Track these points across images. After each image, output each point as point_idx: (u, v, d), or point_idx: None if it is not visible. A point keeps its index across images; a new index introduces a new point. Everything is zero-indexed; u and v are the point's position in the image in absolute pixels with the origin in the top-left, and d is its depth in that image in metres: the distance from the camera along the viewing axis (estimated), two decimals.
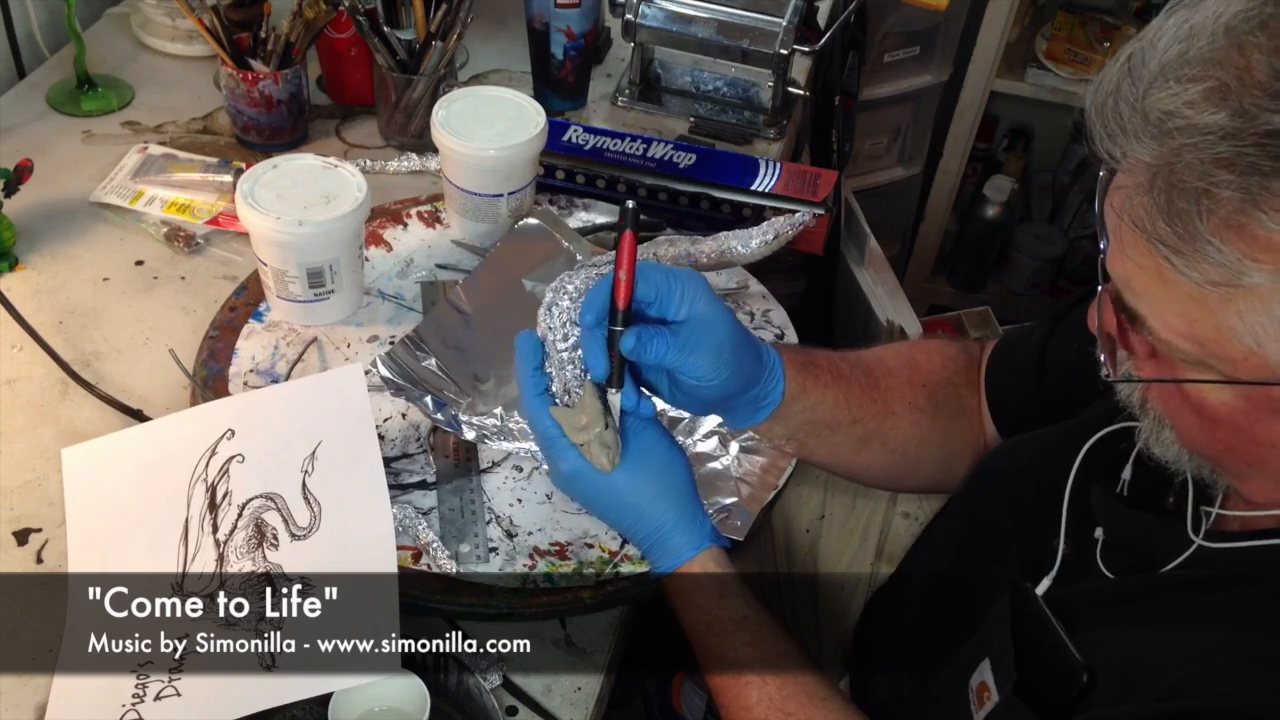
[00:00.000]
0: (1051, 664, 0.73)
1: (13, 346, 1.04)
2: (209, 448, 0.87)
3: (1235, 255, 0.57)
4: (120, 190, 1.20)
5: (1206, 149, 0.57)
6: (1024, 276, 2.44)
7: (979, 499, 0.93)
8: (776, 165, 1.23)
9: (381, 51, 1.26)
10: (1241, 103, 0.57)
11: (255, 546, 0.81)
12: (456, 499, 0.93)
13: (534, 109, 1.13)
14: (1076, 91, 2.13)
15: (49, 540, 0.90)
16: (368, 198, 1.02)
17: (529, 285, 1.08)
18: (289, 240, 0.99)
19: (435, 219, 1.18)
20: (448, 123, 1.11)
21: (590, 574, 0.88)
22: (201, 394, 0.97)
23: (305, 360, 1.02)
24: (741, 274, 1.15)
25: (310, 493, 0.84)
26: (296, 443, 0.86)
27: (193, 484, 0.86)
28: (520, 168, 1.12)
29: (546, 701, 0.84)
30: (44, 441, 0.97)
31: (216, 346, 1.03)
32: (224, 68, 1.25)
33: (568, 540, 0.91)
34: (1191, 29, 0.60)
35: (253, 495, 0.84)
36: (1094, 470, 0.81)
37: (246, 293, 1.08)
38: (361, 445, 0.86)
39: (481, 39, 1.47)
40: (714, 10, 1.33)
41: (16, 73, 1.38)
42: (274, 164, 1.03)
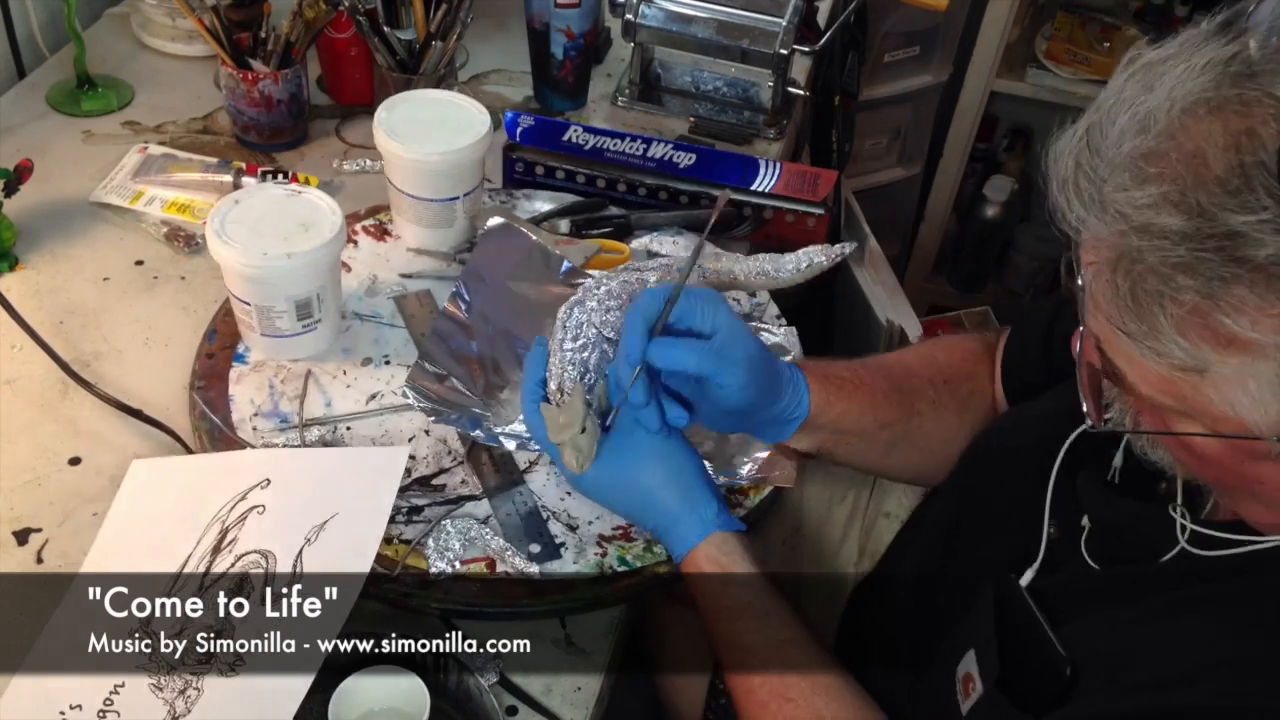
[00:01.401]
0: (1034, 657, 0.73)
1: (12, 346, 1.04)
2: (240, 493, 0.87)
3: (1200, 349, 0.57)
4: (120, 190, 1.20)
5: (1166, 251, 0.57)
6: (1024, 276, 2.44)
7: (971, 482, 0.93)
8: (776, 165, 1.23)
9: (381, 51, 1.26)
10: (1198, 200, 0.56)
11: (230, 596, 0.80)
12: (510, 504, 0.92)
13: (476, 109, 1.11)
14: (1076, 91, 2.16)
15: (49, 540, 0.90)
16: (344, 220, 0.99)
17: (514, 287, 1.08)
18: (275, 275, 0.95)
19: (383, 231, 1.16)
20: (392, 129, 1.08)
21: (660, 550, 0.89)
22: (211, 445, 0.95)
23: (308, 395, 1.00)
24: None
25: (301, 561, 0.82)
26: (314, 509, 0.86)
27: (211, 523, 0.86)
28: (471, 169, 1.10)
29: (546, 701, 0.84)
30: (44, 442, 0.97)
31: (209, 396, 0.98)
32: (224, 67, 1.25)
33: (627, 523, 0.91)
34: (1149, 113, 0.59)
35: (252, 549, 0.83)
36: (1083, 456, 0.81)
37: (219, 336, 1.04)
38: (370, 528, 0.85)
39: (481, 39, 1.47)
40: (714, 10, 1.33)
41: (16, 73, 1.38)
42: (235, 199, 0.99)
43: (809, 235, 1.22)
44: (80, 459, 0.96)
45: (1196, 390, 0.60)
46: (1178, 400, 0.62)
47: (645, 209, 1.20)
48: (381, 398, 1.00)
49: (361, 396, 1.00)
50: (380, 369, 1.03)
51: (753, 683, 0.79)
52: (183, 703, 0.77)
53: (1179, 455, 0.68)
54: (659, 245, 1.15)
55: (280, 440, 0.95)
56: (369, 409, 0.99)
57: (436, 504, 0.91)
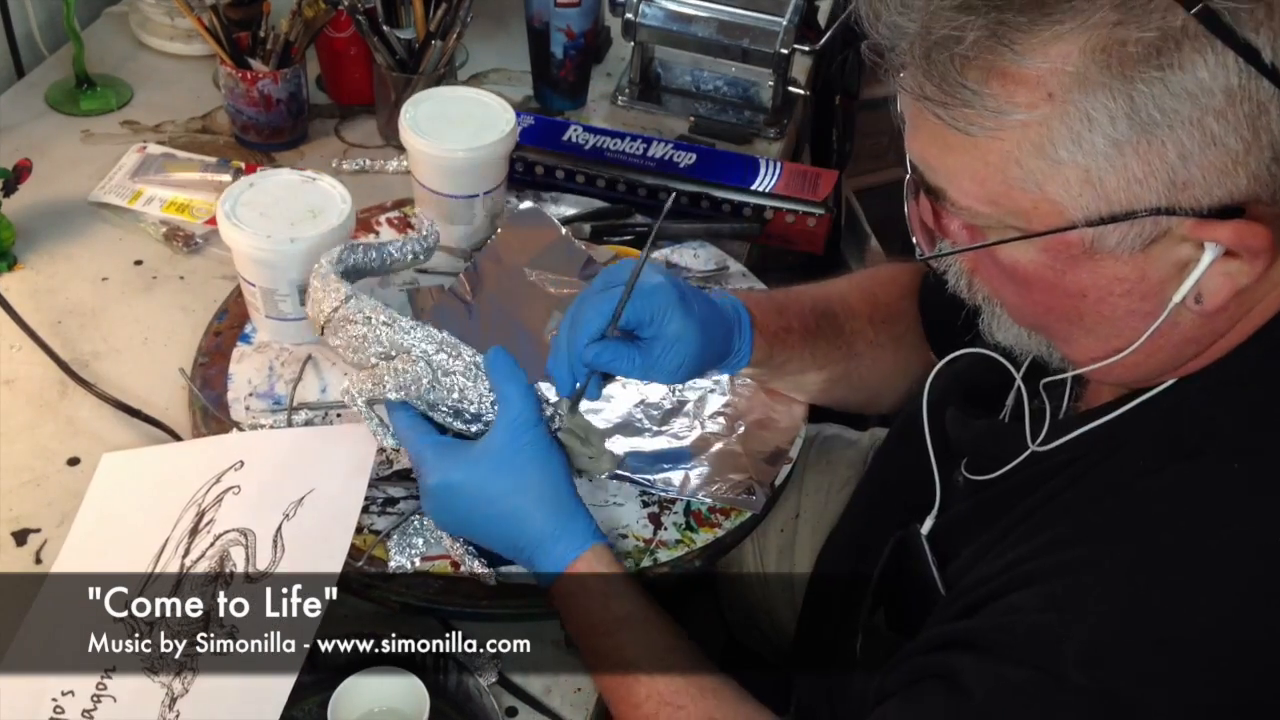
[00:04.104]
0: (920, 597, 0.75)
1: (11, 346, 1.04)
2: (216, 475, 0.87)
3: (993, 97, 0.58)
4: (119, 190, 1.20)
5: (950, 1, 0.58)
6: None
7: (889, 456, 0.96)
8: (777, 165, 1.23)
9: (381, 51, 1.25)
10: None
11: (211, 580, 0.80)
12: None
13: (502, 107, 1.12)
14: None
15: (48, 540, 0.90)
16: (353, 208, 1.01)
17: (531, 275, 1.08)
18: (280, 259, 0.97)
19: (407, 225, 1.17)
20: (417, 125, 1.09)
21: (630, 565, 0.88)
22: (204, 424, 0.96)
23: (304, 379, 1.00)
24: (720, 256, 1.16)
25: (281, 536, 0.82)
26: (290, 486, 0.85)
27: (187, 507, 0.86)
28: (494, 167, 1.11)
29: (547, 701, 0.83)
30: (43, 441, 0.97)
31: (209, 374, 1.00)
32: (223, 67, 1.25)
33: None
34: None
35: (230, 528, 0.83)
36: (951, 395, 0.83)
37: (228, 316, 1.05)
38: (348, 501, 0.85)
39: (481, 38, 1.47)
40: (714, 10, 1.33)
41: (15, 72, 1.38)
42: (250, 182, 1.01)
43: (809, 235, 1.22)
44: (79, 459, 0.96)
45: (1005, 178, 0.60)
46: (991, 204, 0.61)
47: (670, 218, 1.20)
48: None
49: None
50: None
51: (638, 696, 0.78)
52: (180, 685, 0.77)
53: (1008, 293, 0.67)
54: (679, 257, 1.15)
55: (268, 422, 0.96)
56: None
57: (412, 496, 0.91)
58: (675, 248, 1.16)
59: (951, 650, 0.66)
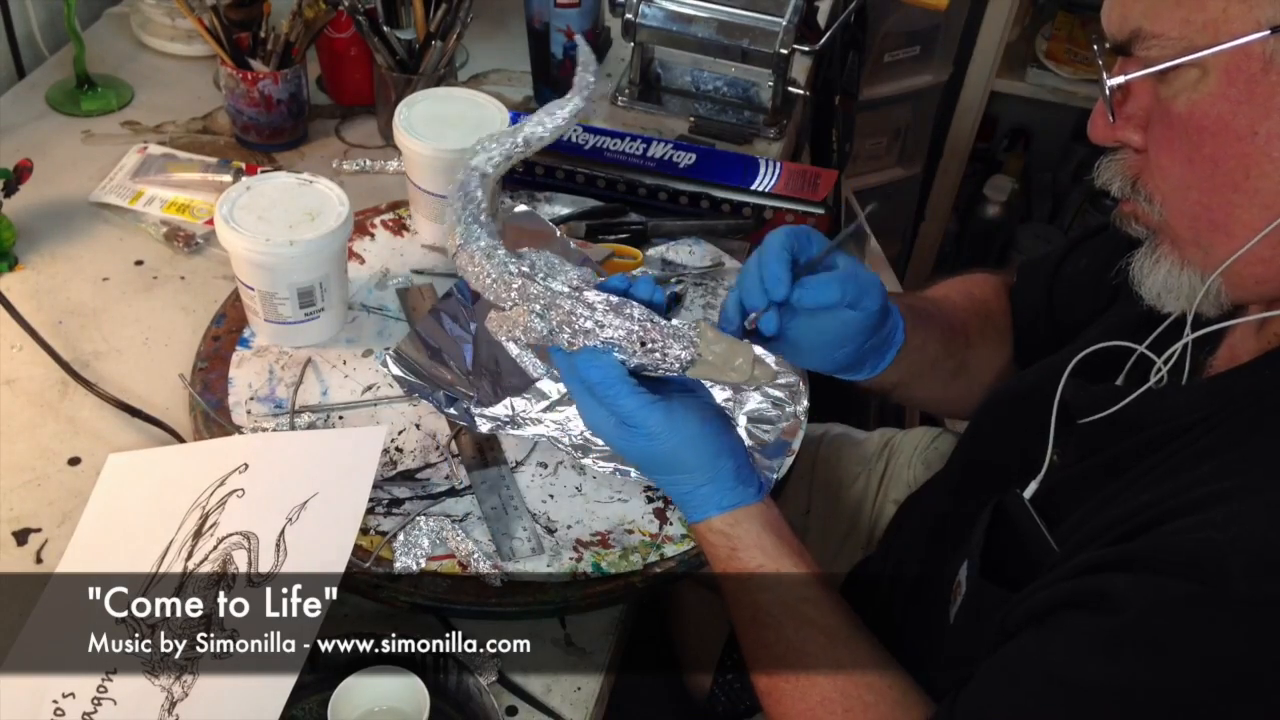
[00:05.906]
0: (1028, 555, 0.74)
1: (12, 346, 1.04)
2: (220, 478, 0.87)
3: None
4: (120, 190, 1.20)
5: None
6: None
7: (976, 441, 0.95)
8: (776, 165, 1.23)
9: (381, 51, 1.26)
10: None
11: (214, 583, 0.80)
12: (495, 496, 0.92)
13: (496, 107, 1.12)
14: (1076, 91, 2.15)
15: (48, 540, 0.90)
16: (350, 211, 1.00)
17: None
18: (278, 262, 0.97)
19: (401, 226, 1.17)
20: (411, 126, 1.09)
21: (636, 560, 0.89)
22: (205, 428, 0.96)
23: (305, 382, 1.00)
24: (715, 252, 1.16)
25: (284, 540, 0.82)
26: (294, 490, 0.85)
27: (191, 509, 0.86)
28: None
29: (547, 701, 0.84)
30: (44, 441, 0.97)
31: (209, 378, 1.00)
32: (223, 67, 1.25)
33: (607, 529, 0.91)
34: None
35: (233, 531, 0.83)
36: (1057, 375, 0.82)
37: (226, 320, 1.05)
38: (351, 505, 0.85)
39: (481, 39, 1.47)
40: (714, 10, 1.33)
41: (16, 73, 1.38)
42: (247, 185, 1.01)
43: None
44: (80, 459, 0.96)
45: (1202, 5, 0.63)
46: (1185, 25, 0.64)
47: (666, 215, 1.20)
48: (377, 389, 1.00)
49: (358, 387, 1.01)
50: (382, 358, 1.03)
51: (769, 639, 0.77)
52: (180, 688, 0.77)
53: (1174, 159, 0.68)
54: (674, 254, 1.15)
55: (271, 425, 0.96)
56: (363, 399, 1.00)
57: (417, 497, 0.91)
58: (670, 245, 1.16)
59: (1100, 573, 0.65)
